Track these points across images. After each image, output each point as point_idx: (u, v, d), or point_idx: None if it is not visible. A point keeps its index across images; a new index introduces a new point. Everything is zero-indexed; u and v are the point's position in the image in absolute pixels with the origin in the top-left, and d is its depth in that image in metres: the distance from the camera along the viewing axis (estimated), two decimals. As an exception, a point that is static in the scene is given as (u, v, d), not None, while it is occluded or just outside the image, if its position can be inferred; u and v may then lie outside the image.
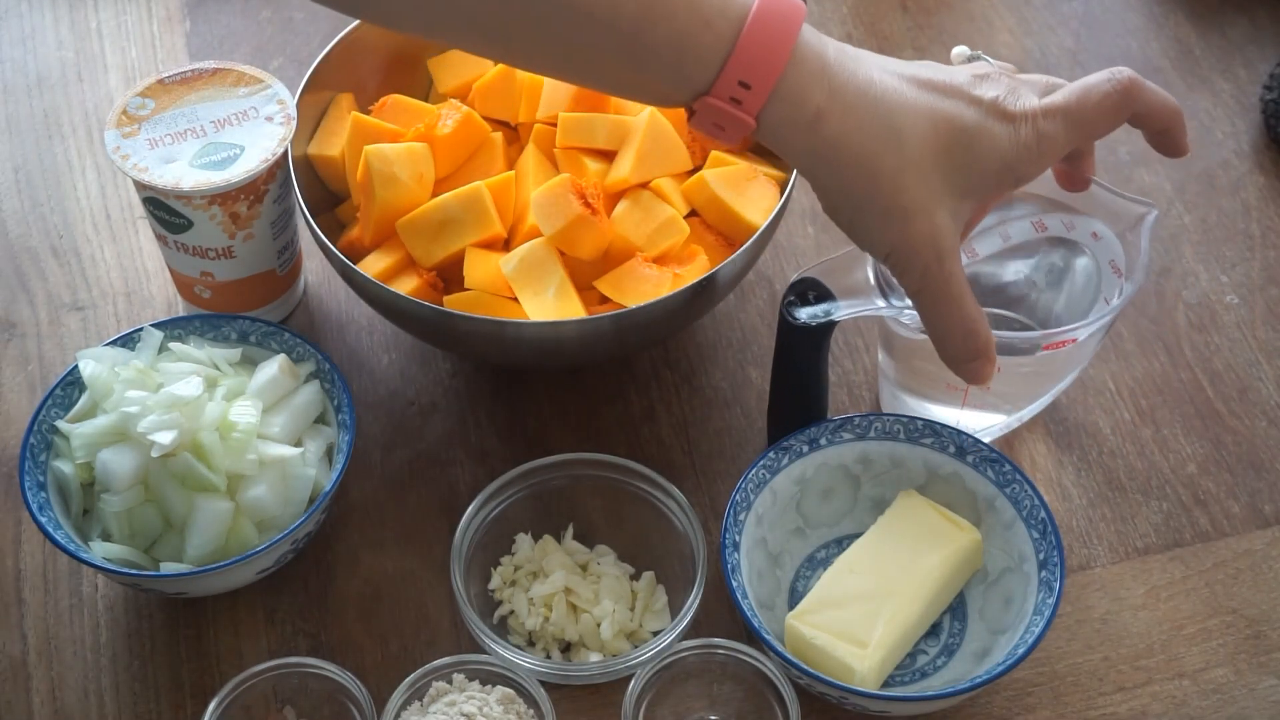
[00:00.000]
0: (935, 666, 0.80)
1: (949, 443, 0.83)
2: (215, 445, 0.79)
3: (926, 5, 1.14)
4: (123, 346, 0.86)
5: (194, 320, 0.87)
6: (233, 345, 0.87)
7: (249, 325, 0.87)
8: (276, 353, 0.86)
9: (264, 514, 0.80)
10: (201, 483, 0.79)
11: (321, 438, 0.84)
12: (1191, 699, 0.80)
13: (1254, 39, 1.11)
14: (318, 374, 0.86)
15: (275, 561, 0.81)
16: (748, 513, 0.81)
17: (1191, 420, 0.91)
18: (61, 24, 1.14)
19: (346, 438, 0.83)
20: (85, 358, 0.83)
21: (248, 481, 0.80)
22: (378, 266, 0.87)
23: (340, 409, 0.84)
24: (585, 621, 0.81)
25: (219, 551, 0.80)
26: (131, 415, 0.79)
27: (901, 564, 0.79)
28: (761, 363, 0.94)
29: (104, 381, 0.82)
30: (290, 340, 0.86)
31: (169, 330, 0.86)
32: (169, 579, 0.78)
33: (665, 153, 0.88)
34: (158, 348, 0.85)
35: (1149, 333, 0.95)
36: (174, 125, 0.89)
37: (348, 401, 0.84)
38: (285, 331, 0.87)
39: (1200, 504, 0.88)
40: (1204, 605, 0.84)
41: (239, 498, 0.80)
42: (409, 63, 0.97)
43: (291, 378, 0.84)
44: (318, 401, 0.85)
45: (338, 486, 0.81)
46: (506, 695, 0.77)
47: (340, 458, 0.82)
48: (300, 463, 0.82)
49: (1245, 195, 1.02)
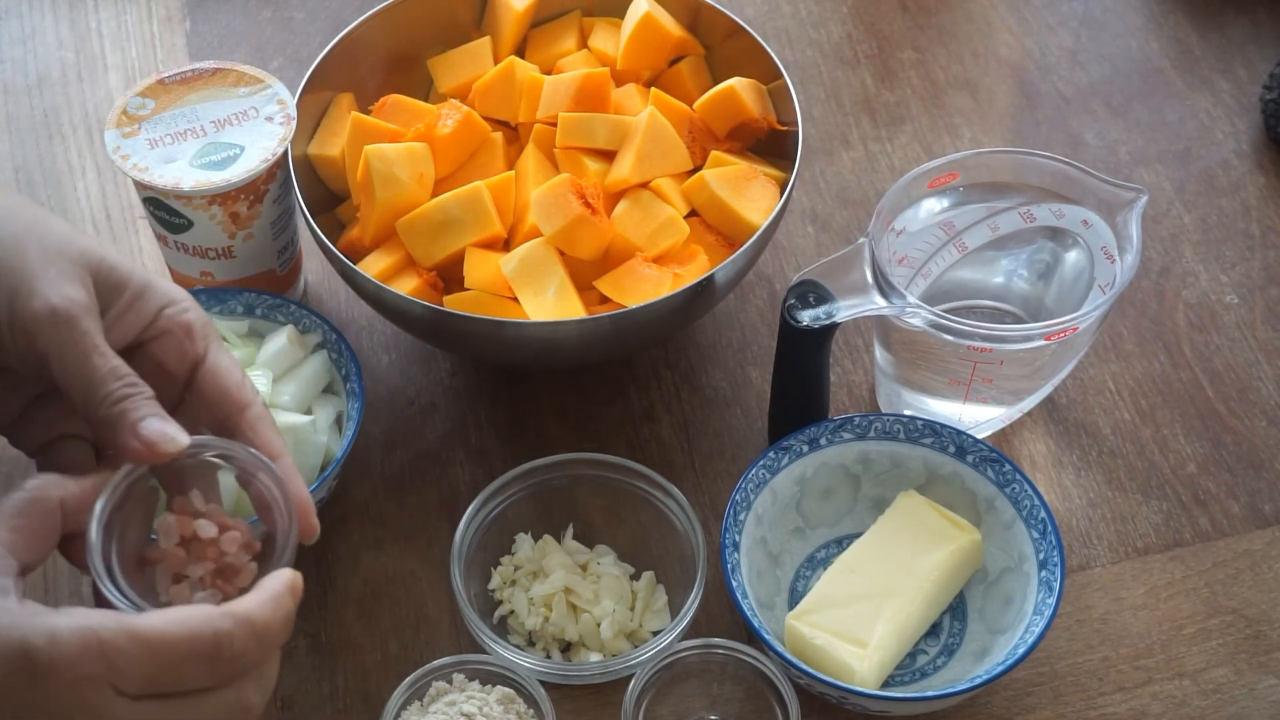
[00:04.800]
0: (935, 666, 0.80)
1: (949, 442, 0.83)
2: None
3: (927, 5, 1.14)
4: None
5: (200, 294, 0.87)
6: (239, 318, 0.88)
7: (255, 298, 0.88)
8: (283, 325, 0.87)
9: None
10: None
11: (330, 406, 0.85)
12: (1191, 699, 0.80)
13: (1254, 39, 1.11)
14: (325, 344, 0.87)
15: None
16: (748, 513, 0.81)
17: (1191, 420, 0.91)
18: (61, 24, 1.14)
19: (356, 405, 0.83)
20: None
21: None
22: (378, 266, 0.87)
23: (348, 377, 0.85)
24: (585, 621, 0.81)
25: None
26: None
27: (901, 564, 0.79)
28: (761, 363, 0.94)
29: None
30: (297, 311, 0.87)
31: None
32: None
33: (665, 153, 0.88)
34: None
35: (1149, 332, 0.95)
36: (174, 125, 0.89)
37: (356, 370, 0.85)
38: (291, 303, 0.88)
39: (1200, 504, 0.88)
40: (1204, 605, 0.84)
41: None
42: (409, 63, 0.97)
43: (300, 348, 0.85)
44: (325, 371, 0.86)
45: (337, 486, 0.81)
46: (506, 695, 0.77)
47: (351, 425, 0.83)
48: (311, 430, 0.82)
49: (1245, 195, 1.02)
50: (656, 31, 0.93)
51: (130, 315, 0.65)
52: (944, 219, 0.86)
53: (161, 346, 0.65)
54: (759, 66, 0.93)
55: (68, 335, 0.62)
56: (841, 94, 1.08)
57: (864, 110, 1.07)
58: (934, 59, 1.11)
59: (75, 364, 0.62)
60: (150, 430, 0.62)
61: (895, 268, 0.85)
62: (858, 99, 1.08)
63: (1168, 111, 1.07)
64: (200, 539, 0.64)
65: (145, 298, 0.65)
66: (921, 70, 1.10)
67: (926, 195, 0.86)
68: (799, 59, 1.10)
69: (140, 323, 0.65)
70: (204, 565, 0.64)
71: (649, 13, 0.93)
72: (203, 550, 0.64)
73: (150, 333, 0.65)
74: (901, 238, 0.85)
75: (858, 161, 1.04)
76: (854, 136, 1.06)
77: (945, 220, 0.86)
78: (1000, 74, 1.10)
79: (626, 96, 0.92)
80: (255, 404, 0.66)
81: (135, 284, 0.65)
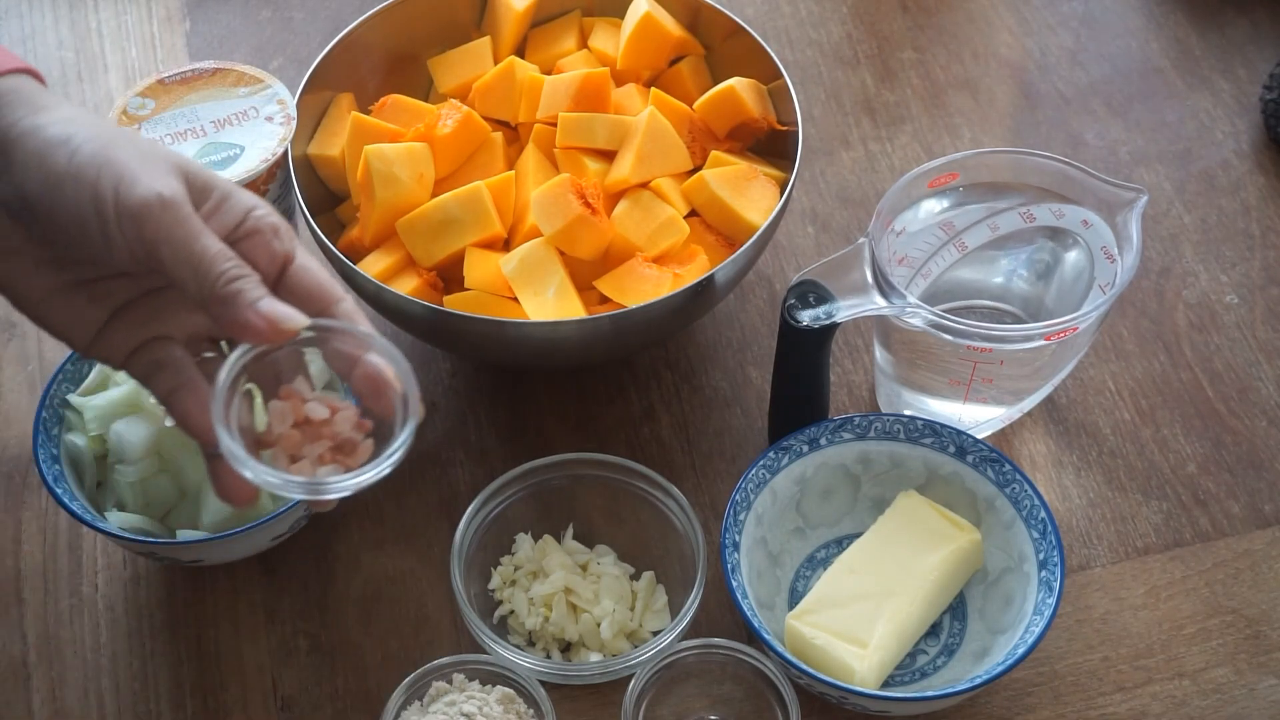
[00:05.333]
0: (935, 666, 0.80)
1: (949, 442, 0.83)
2: None
3: (927, 5, 1.14)
4: None
5: None
6: None
7: None
8: None
9: None
10: None
11: None
12: (1191, 699, 0.80)
13: (1254, 39, 1.11)
14: None
15: (290, 527, 0.82)
16: (748, 513, 0.81)
17: (1191, 420, 0.91)
18: (61, 24, 1.14)
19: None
20: None
21: None
22: (378, 266, 0.87)
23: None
24: (585, 621, 0.81)
25: (234, 518, 0.80)
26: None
27: (901, 564, 0.79)
28: (761, 363, 0.94)
29: None
30: None
31: None
32: (185, 546, 0.79)
33: (665, 153, 0.88)
34: None
35: (1149, 333, 0.95)
36: (174, 125, 0.89)
37: None
38: None
39: (1200, 504, 0.88)
40: (1204, 605, 0.84)
41: None
42: (409, 63, 0.97)
43: None
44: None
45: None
46: (506, 695, 0.77)
47: None
48: None
49: (1245, 195, 1.02)
50: (656, 31, 0.93)
51: (219, 216, 0.65)
52: (944, 219, 0.86)
53: (251, 247, 0.65)
54: (759, 66, 0.93)
55: (175, 219, 0.62)
56: (841, 94, 1.08)
57: (864, 110, 1.07)
58: (934, 59, 1.11)
59: (185, 246, 0.62)
60: (270, 309, 0.62)
61: (895, 268, 0.85)
62: (858, 99, 1.08)
63: (1168, 111, 1.07)
64: (313, 421, 0.64)
65: (231, 200, 0.66)
66: (921, 70, 1.10)
67: (926, 195, 0.86)
68: (799, 59, 1.10)
69: (230, 223, 0.65)
70: (321, 444, 0.64)
71: (649, 13, 0.93)
72: (317, 431, 0.64)
73: (239, 233, 0.65)
74: (901, 238, 0.85)
75: (858, 161, 1.04)
76: (854, 136, 1.06)
77: (945, 220, 0.86)
78: (1000, 74, 1.09)
79: (626, 96, 0.92)
80: (346, 299, 0.67)
81: (222, 187, 0.66)
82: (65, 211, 0.63)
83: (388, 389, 0.65)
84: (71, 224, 0.63)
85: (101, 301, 0.68)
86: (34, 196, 0.63)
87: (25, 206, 0.64)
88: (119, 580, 0.85)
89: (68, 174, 0.62)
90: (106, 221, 0.63)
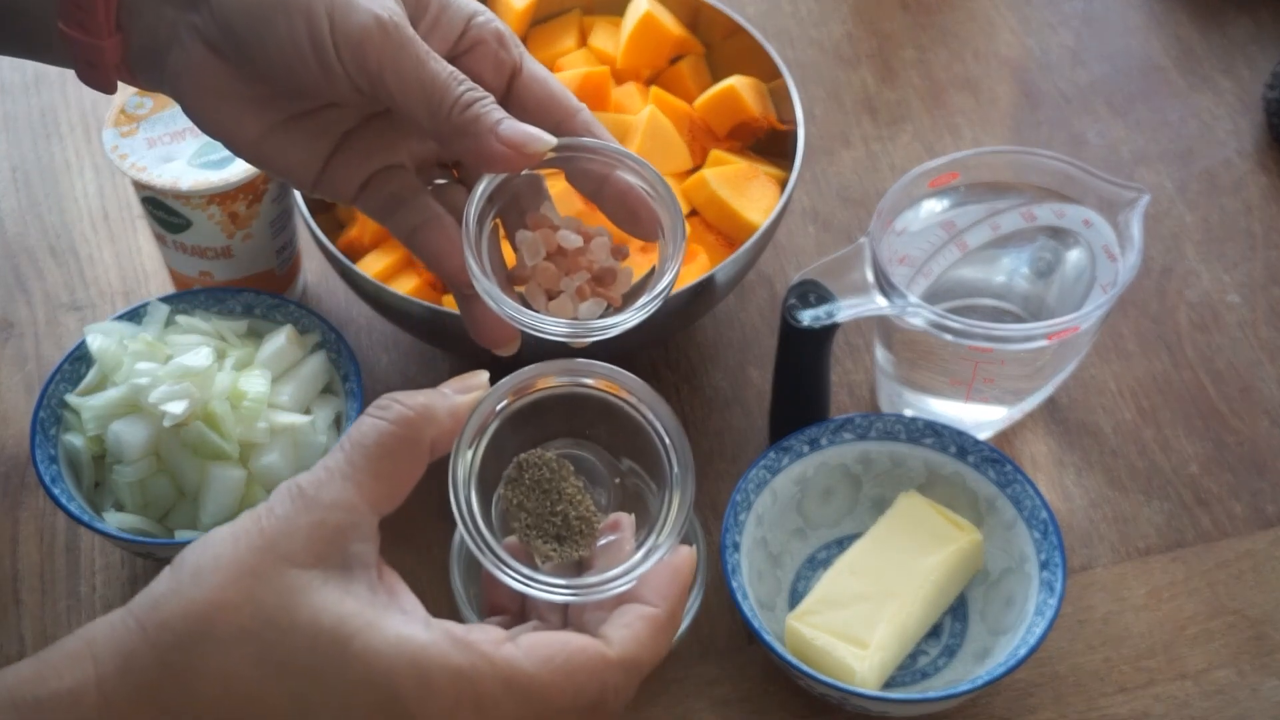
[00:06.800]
0: (936, 667, 0.80)
1: (950, 443, 0.83)
2: (227, 414, 0.79)
3: (928, 4, 1.14)
4: (129, 321, 0.86)
5: (199, 294, 0.87)
6: (238, 318, 0.87)
7: (254, 298, 0.88)
8: (282, 324, 0.87)
9: (276, 480, 0.80)
10: (214, 451, 0.79)
11: (329, 407, 0.85)
12: (1194, 700, 0.80)
13: (1256, 38, 1.11)
14: (324, 344, 0.86)
15: None
16: (748, 513, 0.81)
17: (1193, 420, 0.91)
18: (60, 23, 1.13)
19: (355, 405, 0.83)
20: (93, 332, 0.83)
21: (259, 450, 0.81)
22: (377, 266, 0.86)
23: (347, 378, 0.85)
24: (585, 622, 0.81)
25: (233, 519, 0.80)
26: (142, 387, 0.79)
27: (902, 564, 0.79)
28: (762, 363, 0.94)
29: (113, 354, 0.82)
30: (296, 311, 0.87)
31: (175, 304, 0.87)
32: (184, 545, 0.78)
33: (665, 152, 0.88)
34: (164, 321, 0.86)
35: (1150, 332, 0.95)
36: (172, 124, 0.88)
37: (355, 370, 0.84)
38: (290, 303, 0.88)
39: (1202, 504, 0.88)
40: (1206, 606, 0.83)
41: (251, 465, 0.80)
42: (408, 62, 0.97)
43: (299, 348, 0.85)
44: (325, 371, 0.86)
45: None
46: (506, 696, 0.77)
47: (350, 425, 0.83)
48: (310, 430, 0.82)
49: (1247, 194, 1.02)
50: (656, 30, 0.93)
51: (439, 29, 0.61)
52: (945, 218, 0.86)
53: (476, 59, 0.61)
54: (759, 65, 0.92)
55: (398, 43, 0.57)
56: (842, 93, 1.08)
57: (865, 109, 1.07)
58: (935, 58, 1.11)
59: (412, 72, 0.57)
60: (514, 131, 0.57)
61: (896, 267, 0.84)
62: (858, 98, 1.08)
63: (1169, 110, 1.07)
64: (565, 251, 0.59)
65: (450, 10, 0.61)
66: (922, 69, 1.10)
67: (927, 195, 0.85)
68: (799, 58, 1.10)
69: (451, 35, 0.61)
70: (579, 275, 0.58)
71: (649, 11, 0.93)
72: (572, 262, 0.59)
73: (462, 46, 0.61)
74: (902, 237, 0.85)
75: (858, 161, 1.04)
76: (855, 136, 1.06)
77: (946, 219, 0.86)
78: (1001, 73, 1.09)
79: (626, 95, 0.92)
80: (584, 108, 0.61)
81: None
82: (276, 44, 0.58)
83: (642, 208, 0.58)
84: (284, 58, 0.58)
85: (322, 135, 0.63)
86: (239, 29, 0.59)
87: (230, 40, 0.59)
88: (117, 581, 0.85)
89: (276, 2, 0.58)
90: (325, 53, 0.58)
